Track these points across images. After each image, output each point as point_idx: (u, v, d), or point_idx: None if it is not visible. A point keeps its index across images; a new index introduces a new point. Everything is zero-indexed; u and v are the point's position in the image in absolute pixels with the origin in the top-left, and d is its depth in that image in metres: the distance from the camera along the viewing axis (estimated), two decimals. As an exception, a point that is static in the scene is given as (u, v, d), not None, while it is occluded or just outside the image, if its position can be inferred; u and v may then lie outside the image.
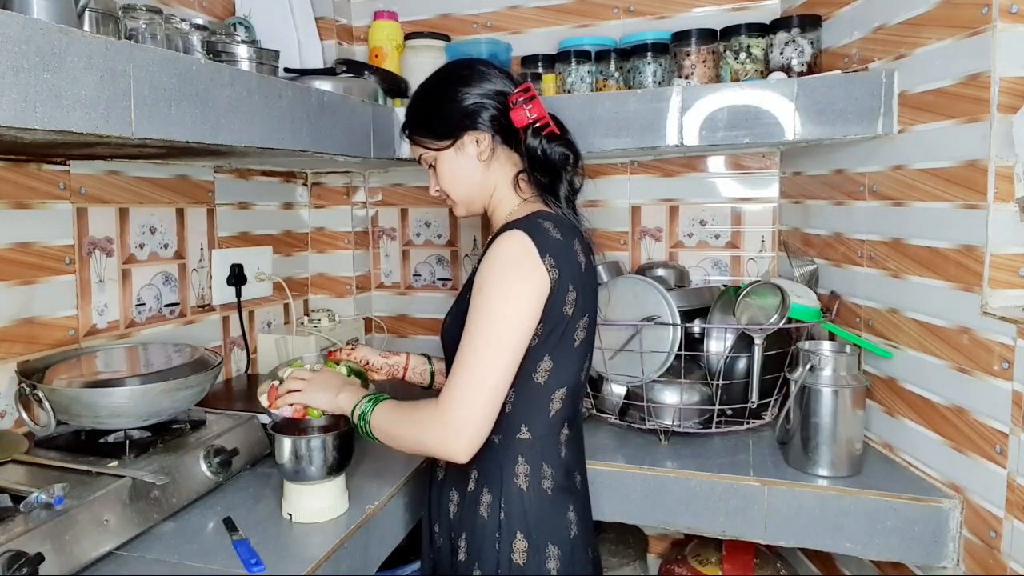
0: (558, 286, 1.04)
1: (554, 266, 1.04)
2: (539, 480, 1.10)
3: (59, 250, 1.36)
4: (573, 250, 1.09)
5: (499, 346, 1.02)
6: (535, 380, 1.08)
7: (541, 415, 1.11)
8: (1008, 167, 1.08)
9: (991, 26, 1.07)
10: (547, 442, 1.12)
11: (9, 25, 0.74)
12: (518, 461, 1.10)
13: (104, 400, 1.14)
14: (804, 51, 1.52)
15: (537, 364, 1.08)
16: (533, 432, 1.11)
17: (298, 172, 2.09)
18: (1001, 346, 1.07)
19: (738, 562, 1.70)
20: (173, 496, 1.15)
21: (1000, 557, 1.09)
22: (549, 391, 1.10)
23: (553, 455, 1.12)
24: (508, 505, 1.09)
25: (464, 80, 1.15)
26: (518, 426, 1.10)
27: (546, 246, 1.04)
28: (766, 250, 1.91)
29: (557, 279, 1.04)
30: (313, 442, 1.14)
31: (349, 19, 2.15)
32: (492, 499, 1.10)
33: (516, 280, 1.03)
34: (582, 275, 1.09)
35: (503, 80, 1.16)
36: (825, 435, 1.30)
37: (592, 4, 1.96)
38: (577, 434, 1.19)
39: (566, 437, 1.15)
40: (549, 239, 1.05)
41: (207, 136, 1.02)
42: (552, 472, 1.11)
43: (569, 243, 1.08)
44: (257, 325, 1.93)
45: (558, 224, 1.09)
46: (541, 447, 1.11)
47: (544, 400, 1.10)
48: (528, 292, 1.03)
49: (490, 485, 1.10)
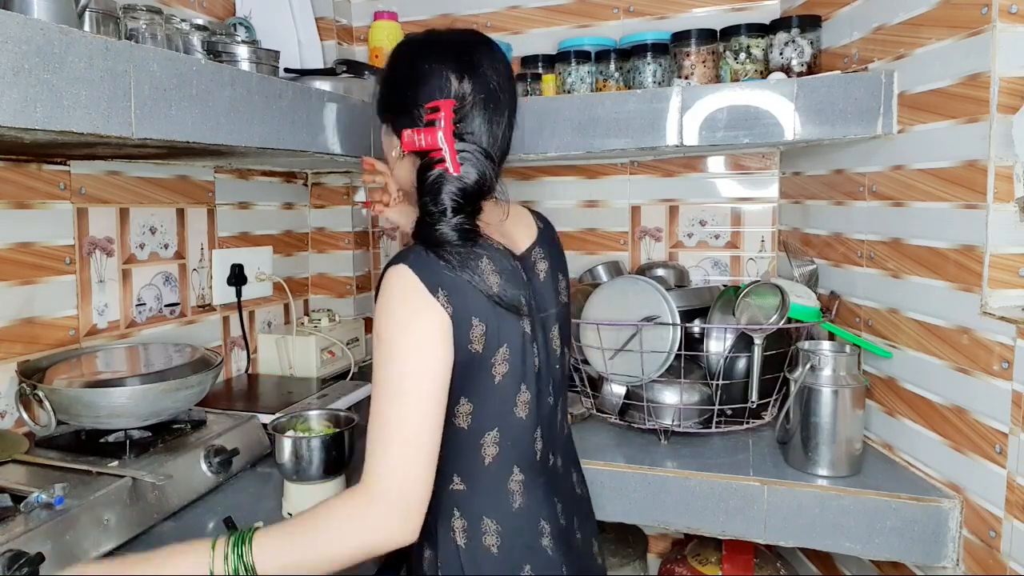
0: (456, 319, 0.89)
1: (448, 301, 0.89)
2: (480, 536, 0.95)
3: (59, 250, 1.36)
4: (476, 276, 0.92)
5: (414, 395, 0.87)
6: (457, 425, 0.94)
7: (473, 463, 0.96)
8: (1008, 167, 1.08)
9: (991, 26, 1.07)
10: (488, 493, 0.96)
11: (9, 25, 0.74)
12: (453, 515, 0.96)
13: (104, 400, 1.14)
14: (804, 51, 1.52)
15: (455, 408, 0.93)
16: (467, 483, 0.96)
17: (298, 172, 2.09)
18: (1001, 346, 1.07)
19: (738, 562, 1.70)
20: (173, 496, 1.15)
21: (1000, 557, 1.09)
22: (476, 436, 0.95)
23: (498, 507, 0.96)
24: (445, 564, 0.95)
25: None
26: (450, 476, 0.96)
27: (435, 280, 0.89)
28: (766, 250, 1.91)
29: (454, 314, 0.89)
30: (313, 442, 1.14)
31: (349, 19, 2.15)
32: (431, 555, 0.97)
33: (409, 318, 0.88)
34: (489, 303, 0.92)
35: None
36: (825, 435, 1.30)
37: (592, 4, 1.96)
38: (547, 477, 1.02)
39: (520, 485, 0.98)
40: (438, 270, 0.90)
41: (207, 136, 1.02)
42: (499, 527, 0.95)
43: (469, 269, 0.92)
44: (257, 325, 1.93)
45: (453, 251, 0.92)
46: (480, 499, 0.96)
47: (473, 446, 0.95)
48: (426, 328, 0.88)
49: (429, 541, 0.96)
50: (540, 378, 1.00)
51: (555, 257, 1.11)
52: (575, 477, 1.13)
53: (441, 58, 0.97)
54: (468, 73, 0.95)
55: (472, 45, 0.99)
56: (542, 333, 1.02)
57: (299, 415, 1.27)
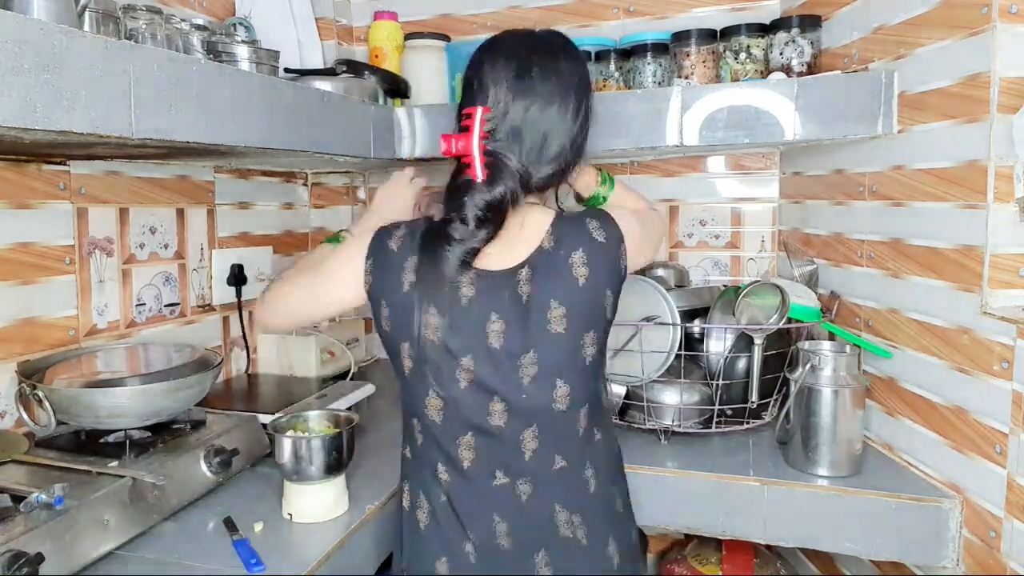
0: (372, 293, 1.02)
1: (370, 272, 1.02)
2: (414, 508, 1.04)
3: (59, 250, 1.36)
4: (404, 266, 0.99)
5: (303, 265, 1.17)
6: (400, 397, 1.06)
7: (411, 438, 1.06)
8: (1008, 167, 1.08)
9: (991, 26, 1.07)
10: (423, 472, 1.04)
11: (9, 25, 0.74)
12: (403, 479, 1.09)
13: (104, 400, 1.14)
14: (804, 51, 1.52)
15: (398, 359, 1.03)
16: (411, 453, 1.07)
17: (298, 172, 2.09)
18: (1001, 346, 1.07)
19: (738, 562, 1.70)
20: (173, 496, 1.15)
21: (1000, 557, 1.09)
22: (407, 415, 1.06)
23: (428, 488, 1.04)
24: (400, 523, 1.09)
25: None
26: (403, 442, 1.09)
27: (375, 250, 1.03)
28: (766, 250, 1.91)
29: (370, 286, 1.02)
30: (313, 442, 1.14)
31: (349, 19, 2.15)
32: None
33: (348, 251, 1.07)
34: (403, 296, 0.98)
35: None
36: (825, 435, 1.30)
37: (592, 4, 1.96)
38: (477, 490, 1.01)
39: (446, 483, 1.02)
40: (384, 246, 1.02)
41: (207, 136, 1.02)
42: (429, 505, 1.03)
43: (404, 257, 0.99)
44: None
45: (411, 234, 1.01)
46: (416, 473, 1.06)
47: (408, 423, 1.06)
48: (343, 256, 1.07)
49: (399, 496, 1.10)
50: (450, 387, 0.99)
51: (554, 281, 0.99)
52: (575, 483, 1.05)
53: (480, 64, 1.02)
54: (509, 78, 0.98)
55: (526, 48, 1.02)
56: (493, 358, 0.98)
57: (299, 415, 1.27)
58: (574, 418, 1.03)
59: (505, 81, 0.99)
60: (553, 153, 1.01)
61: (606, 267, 1.01)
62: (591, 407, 1.05)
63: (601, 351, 1.05)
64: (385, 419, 1.64)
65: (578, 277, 0.99)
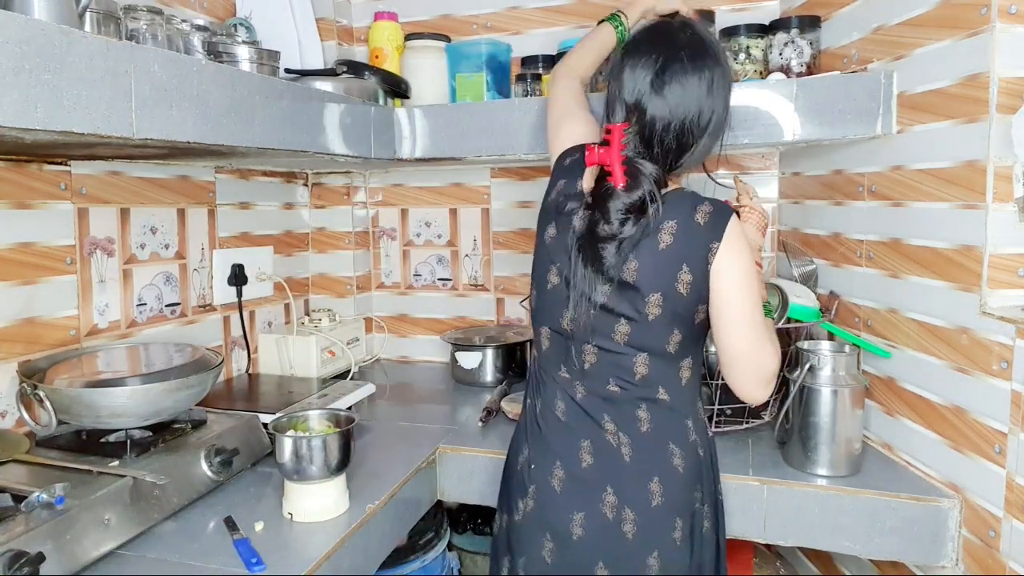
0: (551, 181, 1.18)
1: (553, 168, 1.20)
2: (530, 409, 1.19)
3: (60, 250, 1.36)
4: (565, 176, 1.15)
5: None
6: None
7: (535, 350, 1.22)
8: (1007, 167, 1.08)
9: (990, 26, 1.07)
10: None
11: (10, 26, 0.74)
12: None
13: (105, 400, 1.14)
14: (803, 52, 1.52)
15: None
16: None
17: (299, 172, 2.10)
18: (1000, 346, 1.07)
19: (738, 562, 1.70)
20: (174, 496, 1.15)
21: (999, 557, 1.09)
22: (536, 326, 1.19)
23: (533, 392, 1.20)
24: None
25: None
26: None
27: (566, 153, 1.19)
28: (765, 250, 1.91)
29: (552, 172, 1.19)
30: (314, 442, 1.14)
31: (350, 20, 2.15)
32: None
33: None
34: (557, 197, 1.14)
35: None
36: (824, 435, 1.30)
37: (592, 4, 1.96)
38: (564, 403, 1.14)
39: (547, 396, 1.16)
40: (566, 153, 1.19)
41: (208, 136, 1.03)
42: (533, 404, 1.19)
43: (570, 169, 1.15)
44: (258, 325, 1.93)
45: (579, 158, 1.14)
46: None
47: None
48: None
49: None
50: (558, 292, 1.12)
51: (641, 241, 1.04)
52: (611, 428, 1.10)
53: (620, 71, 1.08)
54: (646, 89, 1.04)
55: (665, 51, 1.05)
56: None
57: (299, 415, 1.27)
58: (631, 363, 1.08)
59: (642, 91, 1.04)
60: (688, 154, 1.07)
61: (690, 245, 1.03)
62: (651, 357, 1.07)
63: (671, 319, 1.04)
64: (385, 419, 1.64)
65: (659, 242, 1.03)
